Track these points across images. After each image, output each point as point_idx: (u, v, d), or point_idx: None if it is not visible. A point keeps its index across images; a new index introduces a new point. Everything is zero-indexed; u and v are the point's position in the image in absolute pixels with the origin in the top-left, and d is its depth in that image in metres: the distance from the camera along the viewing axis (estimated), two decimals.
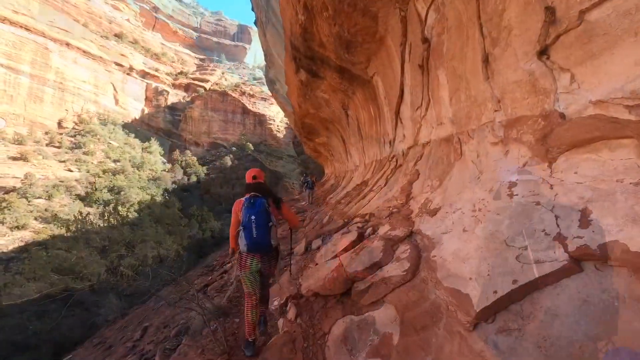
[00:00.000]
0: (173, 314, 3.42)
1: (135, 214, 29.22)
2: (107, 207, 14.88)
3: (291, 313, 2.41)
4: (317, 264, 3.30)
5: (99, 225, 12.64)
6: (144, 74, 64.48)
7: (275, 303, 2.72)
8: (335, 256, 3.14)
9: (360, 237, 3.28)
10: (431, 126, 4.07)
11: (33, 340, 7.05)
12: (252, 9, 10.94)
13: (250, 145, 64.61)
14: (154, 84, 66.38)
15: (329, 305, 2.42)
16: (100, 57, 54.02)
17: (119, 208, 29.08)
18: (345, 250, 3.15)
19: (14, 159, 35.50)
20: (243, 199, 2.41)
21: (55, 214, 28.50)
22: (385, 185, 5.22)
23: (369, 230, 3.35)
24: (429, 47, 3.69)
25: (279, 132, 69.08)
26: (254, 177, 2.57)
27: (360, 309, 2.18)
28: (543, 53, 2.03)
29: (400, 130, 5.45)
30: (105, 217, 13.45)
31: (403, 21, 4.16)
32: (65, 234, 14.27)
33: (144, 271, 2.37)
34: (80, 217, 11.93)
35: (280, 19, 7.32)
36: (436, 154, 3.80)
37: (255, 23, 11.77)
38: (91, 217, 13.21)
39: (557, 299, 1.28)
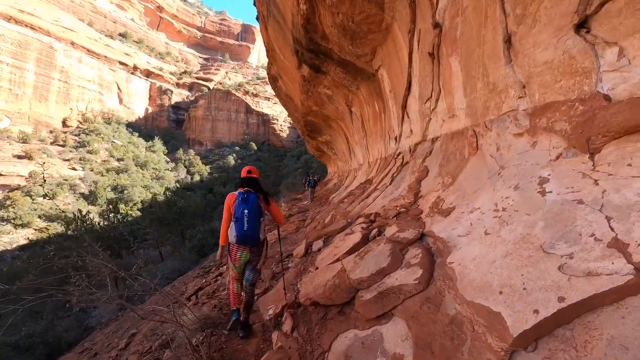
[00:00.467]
0: (162, 321, 3.17)
1: (139, 213, 29.22)
2: (109, 206, 14.75)
3: (287, 325, 2.13)
4: (317, 268, 3.02)
5: (99, 224, 12.49)
6: (148, 73, 64.72)
7: (271, 312, 2.45)
8: (337, 260, 2.86)
9: (365, 239, 2.99)
10: (442, 119, 3.77)
11: (27, 342, 6.86)
12: (254, 3, 10.67)
13: (254, 144, 64.58)
14: (158, 83, 66.64)
15: (329, 316, 2.14)
16: (105, 56, 54.27)
17: (122, 206, 29.05)
18: (348, 253, 2.87)
19: (19, 157, 35.74)
20: (236, 192, 2.51)
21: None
22: (391, 184, 4.92)
23: (374, 232, 3.06)
24: (441, 32, 3.39)
25: (282, 131, 68.97)
26: (249, 172, 2.68)
27: (365, 322, 1.90)
28: (582, 26, 1.73)
29: (407, 125, 5.15)
30: (105, 216, 13.31)
31: (412, 6, 3.86)
32: (67, 233, 14.14)
33: (103, 282, 2.11)
34: (79, 216, 11.76)
35: (282, 10, 7.04)
36: (447, 149, 3.50)
37: (257, 18, 11.52)
38: (91, 215, 13.07)
39: (623, 325, 0.99)
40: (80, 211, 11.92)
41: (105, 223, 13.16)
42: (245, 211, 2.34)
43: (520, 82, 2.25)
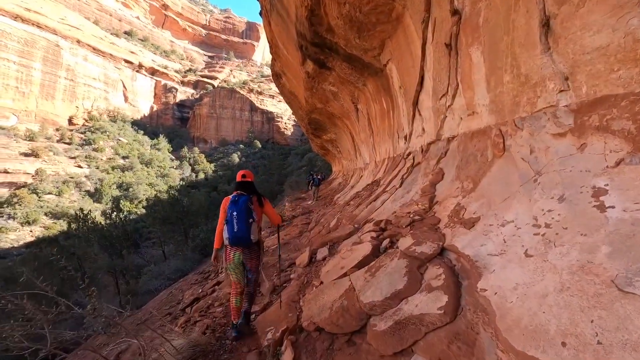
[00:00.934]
0: (152, 337, 2.92)
1: (143, 210, 29.26)
2: (113, 204, 14.62)
3: (287, 356, 1.84)
4: (322, 283, 2.73)
5: (100, 223, 12.36)
6: (153, 71, 64.84)
7: (269, 336, 2.16)
8: (345, 274, 2.56)
9: (376, 251, 2.69)
10: (459, 117, 3.44)
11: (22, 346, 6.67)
12: None
13: (258, 142, 64.46)
14: (162, 81, 66.78)
15: (336, 346, 1.85)
16: (110, 55, 54.43)
17: (127, 204, 29.12)
18: (357, 267, 2.57)
19: (26, 155, 36.01)
20: (230, 196, 2.56)
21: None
22: (401, 186, 4.60)
23: (385, 243, 2.76)
24: (460, 20, 3.05)
25: (286, 129, 68.71)
26: (243, 176, 2.69)
27: (379, 359, 1.60)
28: None
29: (419, 123, 4.81)
30: (107, 214, 13.18)
31: None
32: (69, 231, 14.04)
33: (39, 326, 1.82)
34: (81, 215, 11.63)
35: (285, 3, 6.72)
36: (467, 149, 3.17)
37: (260, 14, 11.21)
38: (94, 214, 12.95)
39: None
40: (82, 210, 11.79)
41: (108, 222, 13.05)
42: (234, 213, 2.40)
43: (561, 73, 1.92)
